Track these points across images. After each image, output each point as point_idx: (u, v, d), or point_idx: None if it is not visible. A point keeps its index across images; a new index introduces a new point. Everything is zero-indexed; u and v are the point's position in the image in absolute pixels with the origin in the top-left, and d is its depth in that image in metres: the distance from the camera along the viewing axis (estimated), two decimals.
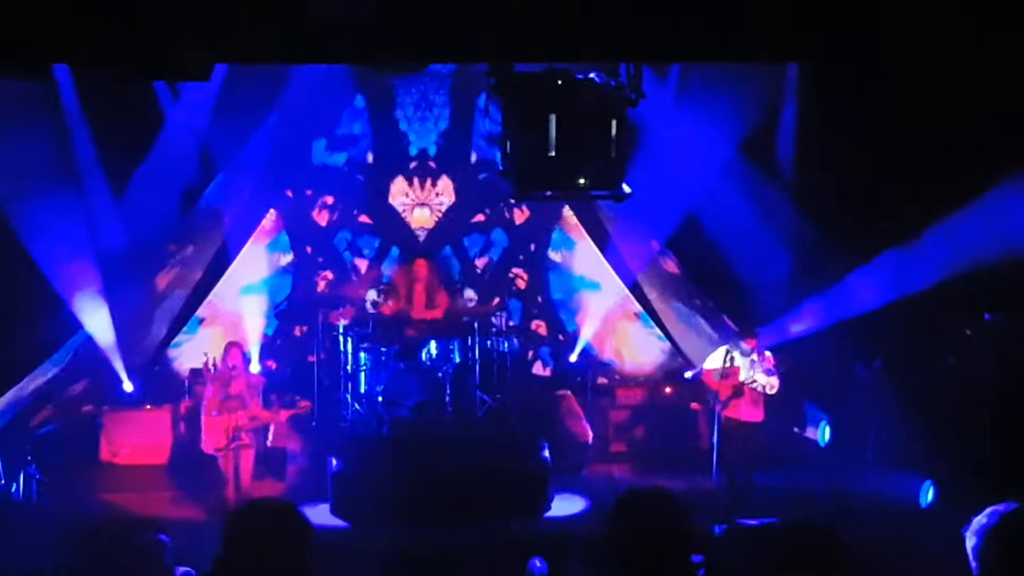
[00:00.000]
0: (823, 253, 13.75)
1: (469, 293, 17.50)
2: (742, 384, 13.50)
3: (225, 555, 3.87)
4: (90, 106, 12.69)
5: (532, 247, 17.79)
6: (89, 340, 14.50)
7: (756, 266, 14.15)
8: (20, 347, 13.41)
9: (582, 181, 8.01)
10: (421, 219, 17.43)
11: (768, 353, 13.58)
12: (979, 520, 4.46)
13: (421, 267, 16.03)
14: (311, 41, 7.03)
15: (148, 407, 15.74)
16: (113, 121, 12.84)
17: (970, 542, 4.44)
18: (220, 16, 6.99)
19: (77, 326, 14.11)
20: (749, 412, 13.58)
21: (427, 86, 17.03)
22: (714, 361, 13.75)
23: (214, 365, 14.06)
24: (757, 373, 13.47)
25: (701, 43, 7.26)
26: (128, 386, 15.25)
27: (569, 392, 16.89)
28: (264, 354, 16.68)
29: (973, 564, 4.41)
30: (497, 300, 17.04)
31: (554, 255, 17.83)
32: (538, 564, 10.64)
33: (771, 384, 13.47)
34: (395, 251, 17.45)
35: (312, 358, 16.24)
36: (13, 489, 13.71)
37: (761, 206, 13.84)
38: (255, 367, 15.42)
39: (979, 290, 12.86)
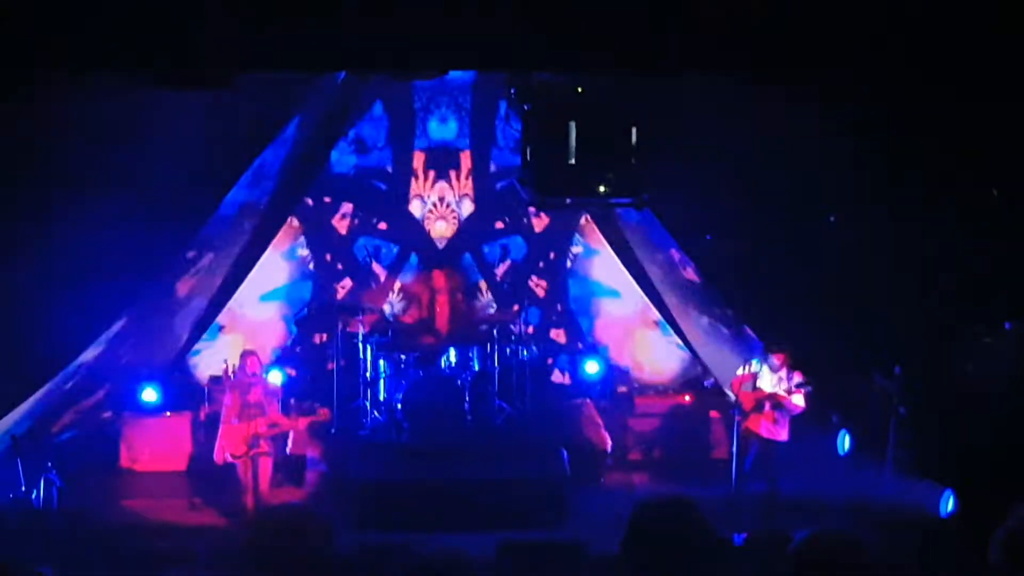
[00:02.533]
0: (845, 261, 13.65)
1: (488, 300, 17.50)
2: (764, 399, 13.46)
3: (249, 560, 3.87)
4: (106, 111, 12.68)
5: (551, 255, 17.77)
6: (108, 348, 14.52)
7: (779, 275, 14.01)
8: (40, 355, 13.42)
9: (602, 188, 8.00)
10: (440, 227, 17.44)
11: (797, 372, 13.50)
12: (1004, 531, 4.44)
13: (439, 278, 16.03)
14: (330, 49, 7.05)
15: (168, 414, 15.76)
16: (129, 128, 12.84)
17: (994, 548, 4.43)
18: (239, 25, 7.01)
19: (96, 334, 14.12)
20: (769, 430, 13.53)
21: (447, 93, 17.04)
22: (743, 371, 13.73)
23: (233, 372, 14.09)
24: (782, 389, 13.42)
25: (718, 56, 7.27)
26: (149, 395, 15.27)
27: (588, 400, 16.87)
28: (283, 362, 16.72)
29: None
30: (516, 308, 17.03)
31: (573, 263, 17.81)
32: None
33: (795, 402, 13.41)
34: (414, 259, 17.46)
35: (331, 366, 16.27)
36: (33, 495, 13.74)
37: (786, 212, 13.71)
38: (274, 375, 15.43)
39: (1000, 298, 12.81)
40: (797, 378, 13.45)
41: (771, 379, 13.51)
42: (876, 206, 12.85)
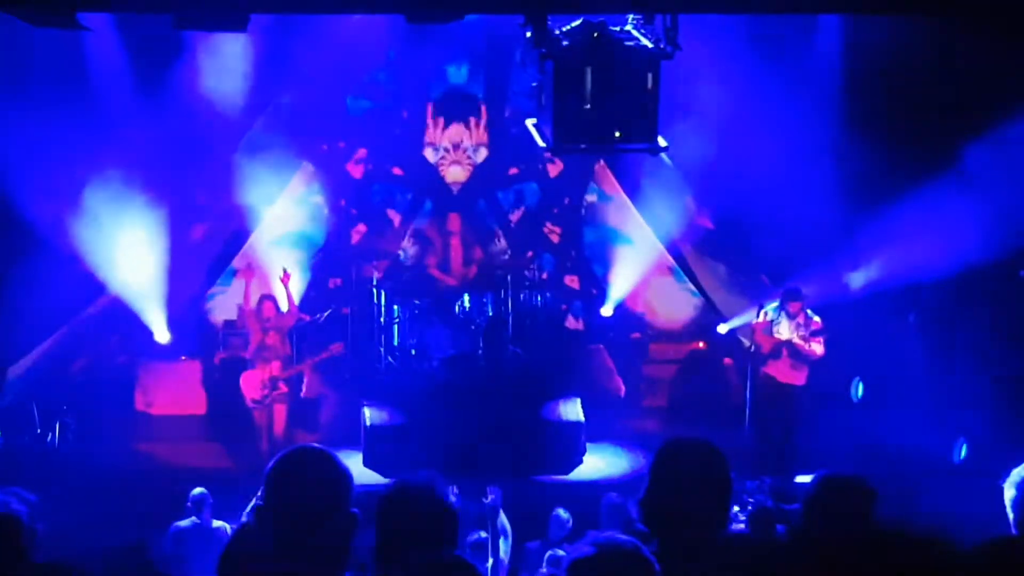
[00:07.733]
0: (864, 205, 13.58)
1: (502, 246, 17.49)
2: (782, 345, 13.44)
3: (265, 502, 3.85)
4: (122, 55, 12.68)
5: (566, 201, 17.75)
6: (124, 292, 14.54)
7: (793, 221, 13.92)
8: (56, 298, 13.46)
9: (618, 134, 7.95)
10: (454, 172, 17.41)
11: (816, 317, 13.47)
12: (1018, 471, 4.44)
13: (454, 221, 16.01)
14: None
15: (182, 358, 15.81)
16: (146, 70, 12.84)
17: (1009, 493, 4.43)
18: None
19: (113, 278, 14.13)
20: (787, 374, 13.52)
21: (462, 38, 16.95)
22: (759, 318, 13.71)
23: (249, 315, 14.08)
24: (800, 335, 13.40)
25: None
26: (163, 337, 15.29)
27: (602, 346, 16.89)
28: (297, 306, 16.73)
29: (1012, 515, 4.40)
30: (530, 254, 17.02)
31: (587, 209, 17.78)
32: (562, 514, 10.68)
33: (813, 349, 13.39)
34: (428, 204, 17.45)
35: (346, 310, 16.28)
36: (49, 437, 13.83)
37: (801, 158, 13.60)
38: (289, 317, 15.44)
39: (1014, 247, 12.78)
40: (815, 325, 13.43)
41: (788, 326, 13.49)
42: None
